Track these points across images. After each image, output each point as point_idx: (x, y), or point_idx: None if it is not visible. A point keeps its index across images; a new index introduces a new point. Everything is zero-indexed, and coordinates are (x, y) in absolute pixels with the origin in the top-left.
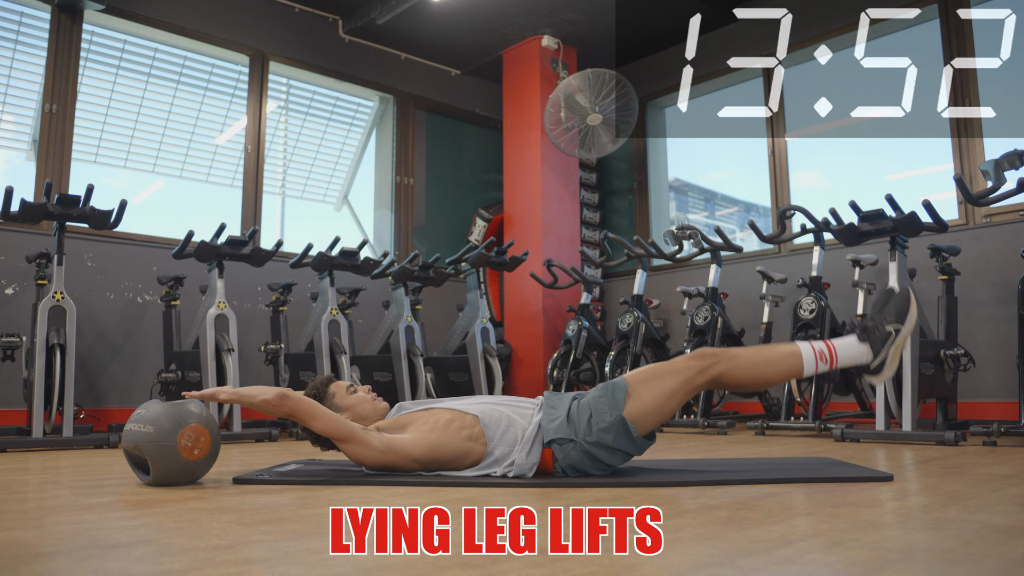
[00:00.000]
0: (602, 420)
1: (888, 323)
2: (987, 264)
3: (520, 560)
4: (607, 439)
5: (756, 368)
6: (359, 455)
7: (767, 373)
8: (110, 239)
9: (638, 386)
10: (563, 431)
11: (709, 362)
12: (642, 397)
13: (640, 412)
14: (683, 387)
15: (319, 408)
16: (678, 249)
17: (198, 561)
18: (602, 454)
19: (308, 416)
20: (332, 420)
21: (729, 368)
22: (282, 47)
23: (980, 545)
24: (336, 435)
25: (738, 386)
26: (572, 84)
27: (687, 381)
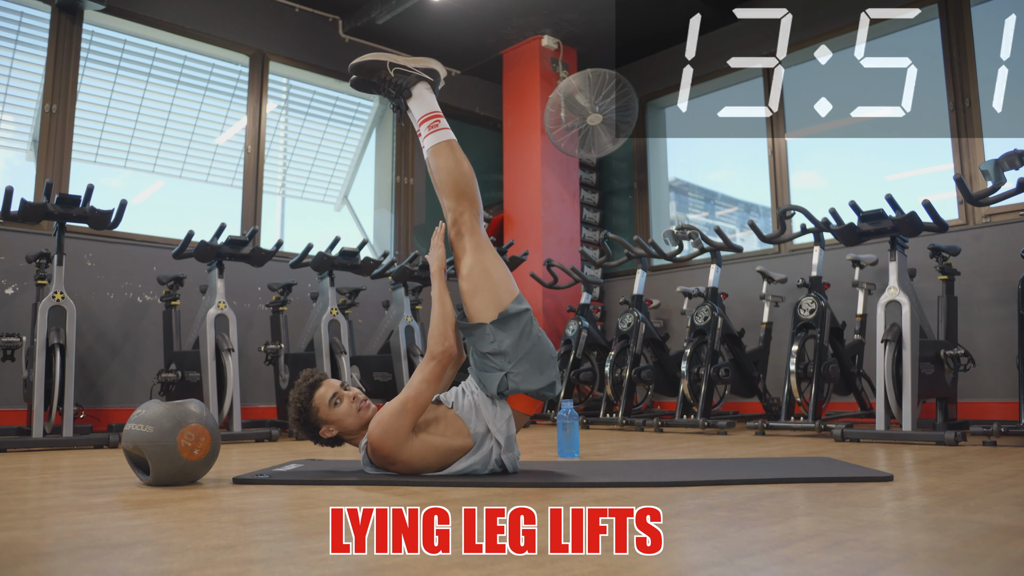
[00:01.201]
0: (490, 343)
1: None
2: (987, 264)
3: (520, 560)
4: (505, 337)
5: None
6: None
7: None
8: (110, 239)
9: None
10: (493, 378)
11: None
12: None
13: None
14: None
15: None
16: (678, 249)
17: (198, 561)
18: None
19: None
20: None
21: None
22: (282, 47)
23: (980, 545)
24: (411, 404)
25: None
26: (572, 84)
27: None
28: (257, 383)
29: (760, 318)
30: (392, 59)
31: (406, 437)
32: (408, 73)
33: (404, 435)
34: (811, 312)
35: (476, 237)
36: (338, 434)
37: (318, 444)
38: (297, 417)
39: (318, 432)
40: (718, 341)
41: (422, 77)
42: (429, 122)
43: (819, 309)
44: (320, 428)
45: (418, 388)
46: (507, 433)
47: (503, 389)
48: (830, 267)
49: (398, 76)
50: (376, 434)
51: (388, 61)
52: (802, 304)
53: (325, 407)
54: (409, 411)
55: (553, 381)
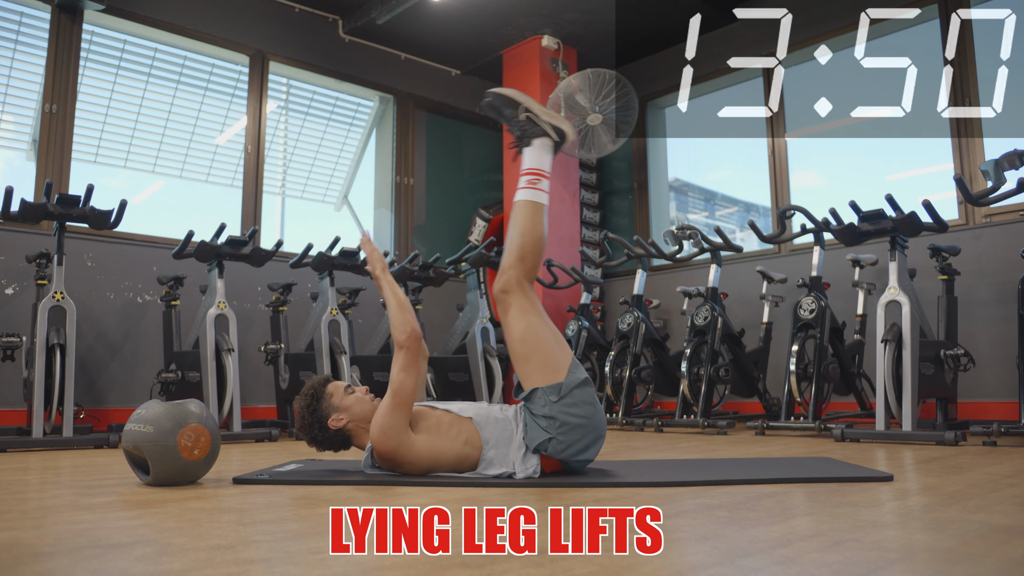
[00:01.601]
0: (542, 407)
1: (518, 117)
2: (987, 264)
3: (520, 560)
4: (561, 408)
5: (525, 238)
6: (391, 429)
7: (535, 235)
8: (110, 239)
9: (522, 364)
10: (537, 435)
11: (504, 285)
12: (530, 365)
13: (542, 369)
14: (523, 314)
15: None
16: (678, 249)
17: (198, 561)
18: (572, 418)
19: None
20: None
21: (522, 268)
22: (282, 47)
23: (980, 545)
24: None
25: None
26: (572, 84)
27: (521, 309)
28: (257, 383)
29: (760, 318)
30: (529, 104)
31: (404, 431)
32: (536, 124)
33: (402, 429)
34: (811, 312)
35: (527, 298)
36: (346, 427)
37: (321, 448)
38: (307, 404)
39: (326, 422)
40: (718, 341)
41: (547, 133)
42: (531, 178)
43: (819, 309)
44: (330, 416)
45: (399, 380)
46: (526, 475)
47: (543, 450)
48: (830, 267)
49: (527, 123)
50: (376, 435)
51: (524, 105)
52: (802, 304)
53: (339, 394)
54: (399, 404)
55: (591, 459)
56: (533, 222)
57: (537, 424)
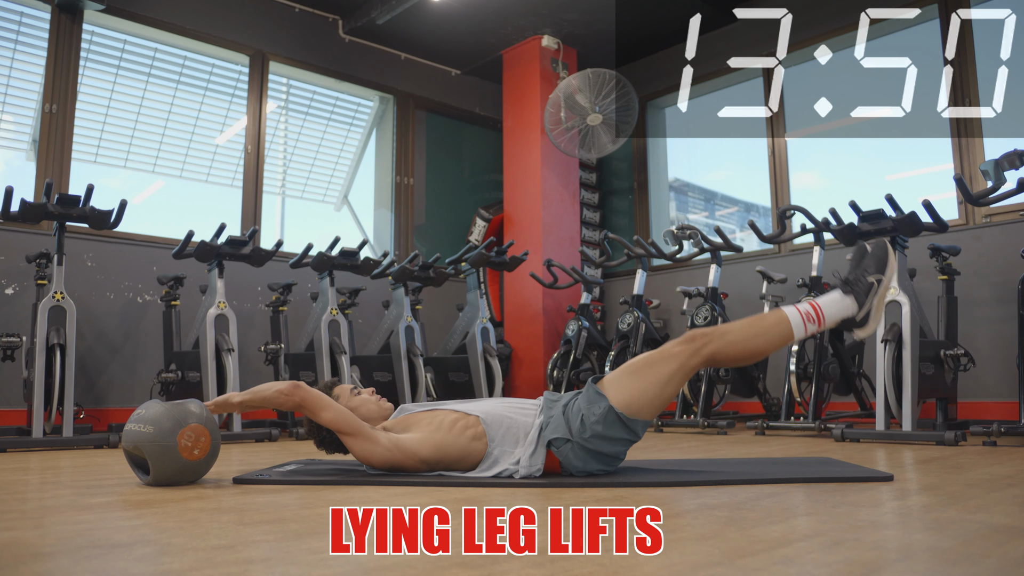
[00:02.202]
0: (592, 414)
1: (869, 274)
2: (987, 264)
3: (520, 560)
4: (601, 430)
5: (748, 342)
6: (366, 451)
7: (759, 344)
8: (110, 239)
9: (623, 376)
10: (560, 430)
11: (701, 343)
12: (632, 386)
13: (630, 398)
14: (679, 371)
15: (329, 401)
16: (678, 249)
17: (198, 561)
18: (602, 445)
19: (318, 407)
20: (341, 413)
21: (721, 346)
22: (282, 47)
23: (980, 545)
24: (344, 429)
25: (733, 361)
26: (572, 84)
27: (682, 365)
28: (257, 383)
29: None
30: (886, 281)
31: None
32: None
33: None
34: None
35: (690, 361)
36: None
37: (330, 451)
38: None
39: None
40: None
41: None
42: (811, 313)
43: None
44: None
45: (330, 420)
46: (528, 472)
47: (556, 447)
48: (830, 267)
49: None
50: (364, 461)
51: (885, 279)
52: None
53: (346, 395)
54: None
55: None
56: (769, 335)
57: (566, 419)
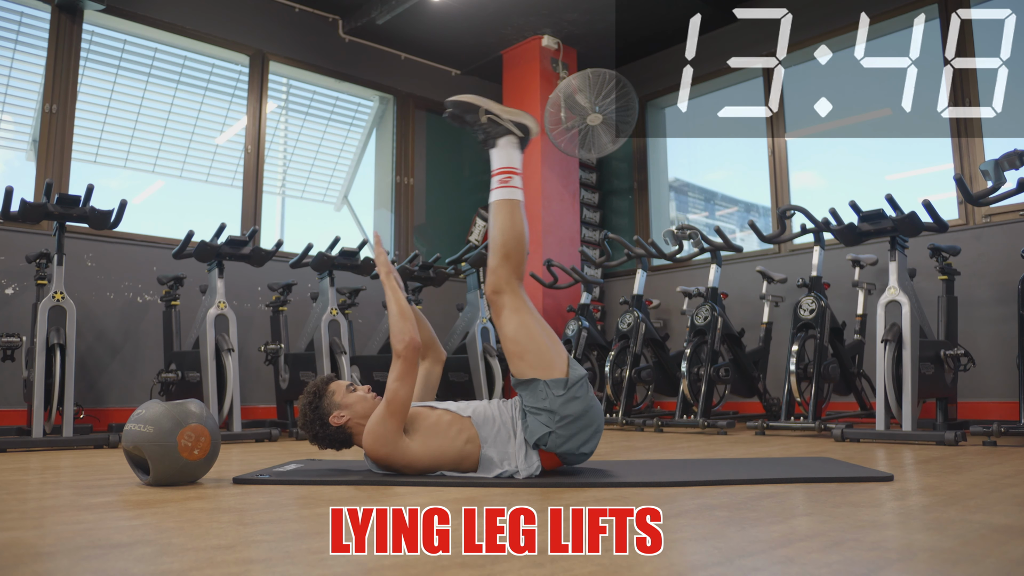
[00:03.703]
0: (542, 400)
1: (476, 120)
2: (987, 264)
3: (520, 560)
4: (558, 403)
5: (511, 236)
6: (381, 437)
7: (515, 228)
8: (110, 239)
9: (519, 360)
10: (539, 429)
11: (495, 286)
12: (529, 356)
13: (541, 361)
14: (515, 305)
15: (414, 380)
16: (678, 249)
17: (198, 561)
18: (571, 410)
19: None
20: (406, 396)
21: (508, 267)
22: (282, 47)
23: (980, 545)
24: (392, 406)
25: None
26: (572, 84)
27: (513, 308)
28: (257, 383)
29: (760, 318)
30: (488, 106)
31: (397, 438)
32: (499, 124)
33: (393, 437)
34: (811, 312)
35: (517, 299)
36: (347, 424)
37: (323, 446)
38: (310, 401)
39: (328, 419)
40: (718, 341)
41: (512, 131)
42: (502, 176)
43: (819, 309)
44: (332, 414)
45: (394, 389)
46: (528, 473)
47: (543, 444)
48: (830, 267)
49: (489, 124)
50: (368, 442)
51: (483, 108)
52: (802, 304)
53: (341, 392)
54: (392, 413)
55: (590, 453)
56: (512, 220)
57: (537, 419)
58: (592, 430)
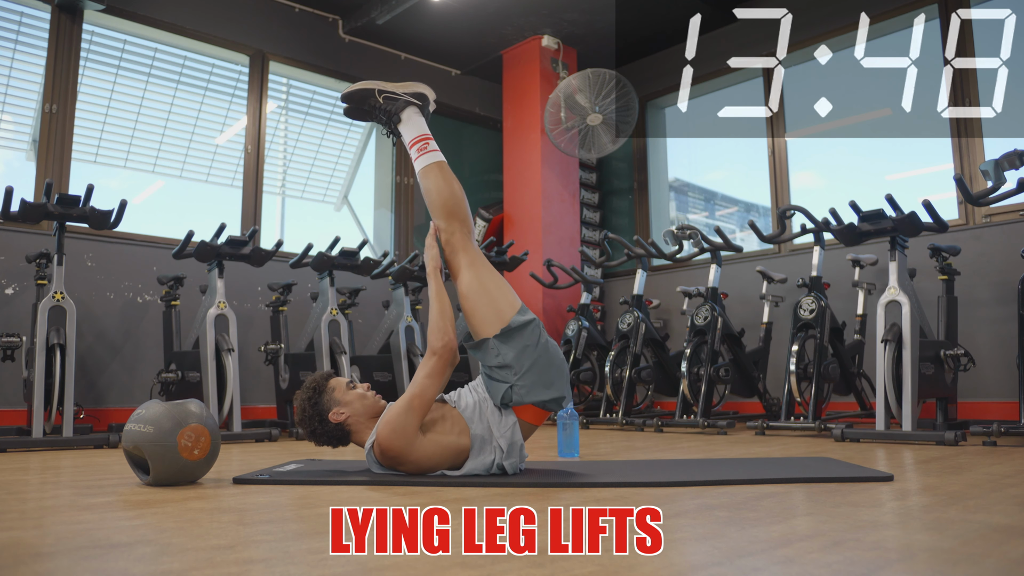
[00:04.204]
0: (495, 358)
1: (377, 101)
2: (987, 264)
3: (520, 560)
4: (511, 354)
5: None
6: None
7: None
8: (110, 239)
9: (470, 317)
10: (499, 388)
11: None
12: (477, 316)
13: (488, 318)
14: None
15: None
16: (678, 249)
17: (198, 561)
18: (527, 358)
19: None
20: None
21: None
22: (282, 47)
23: (980, 545)
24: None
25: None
26: (572, 84)
27: (468, 263)
28: (257, 383)
29: (760, 318)
30: (379, 86)
31: (414, 435)
32: (396, 99)
33: (412, 433)
34: (811, 312)
35: (469, 254)
36: (343, 423)
37: (320, 443)
38: (309, 396)
39: (327, 415)
40: (718, 341)
41: (411, 102)
42: (418, 145)
43: (819, 309)
44: (331, 410)
45: (423, 384)
46: (510, 439)
47: (507, 400)
48: (830, 267)
49: (386, 102)
50: (385, 434)
51: (376, 88)
52: (802, 304)
53: (341, 389)
54: (416, 408)
55: (562, 395)
56: (443, 180)
57: (494, 379)
58: (553, 372)
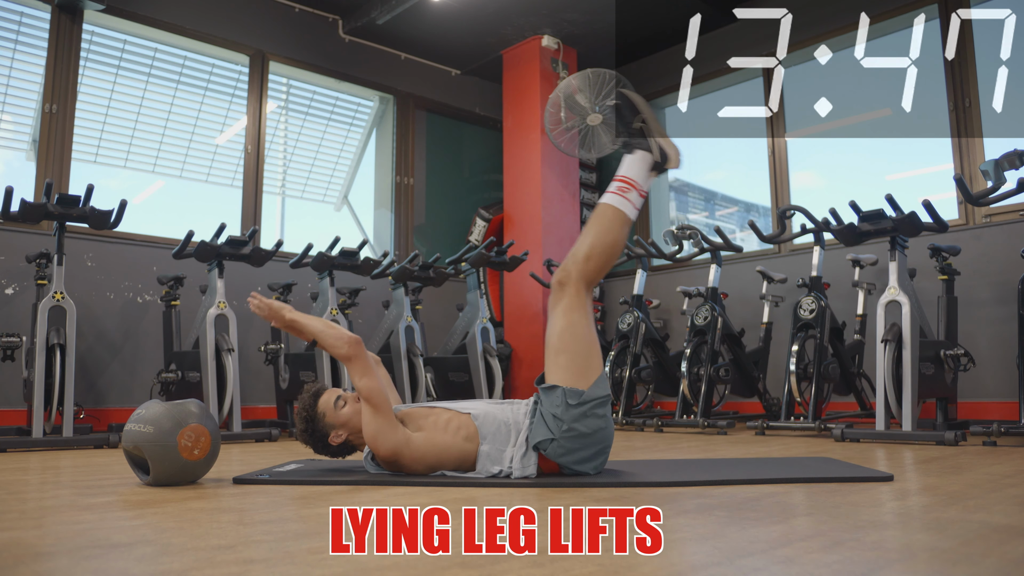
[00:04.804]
0: (556, 407)
1: (633, 123)
2: (987, 264)
3: (520, 560)
4: (571, 414)
5: (602, 245)
6: (381, 432)
7: (611, 239)
8: (110, 239)
9: (552, 359)
10: (542, 432)
11: (565, 276)
12: (560, 360)
13: (570, 369)
14: (575, 312)
15: (373, 370)
16: (678, 249)
17: (198, 561)
18: (580, 427)
19: (362, 371)
20: (377, 385)
21: (584, 267)
22: (282, 47)
23: (980, 545)
24: (373, 401)
25: (604, 266)
26: (572, 84)
27: (571, 308)
28: (257, 383)
29: (760, 318)
30: (648, 117)
31: (394, 428)
32: (645, 137)
33: (391, 428)
34: (811, 312)
35: (579, 298)
36: (347, 440)
37: (331, 457)
38: (305, 428)
39: (327, 440)
40: (718, 341)
41: (651, 149)
42: (621, 185)
43: (819, 309)
44: (329, 435)
45: (363, 386)
46: (522, 474)
47: (543, 449)
48: (830, 267)
49: (638, 132)
50: (372, 443)
51: (644, 115)
52: (802, 304)
53: (331, 411)
54: (377, 406)
55: (589, 473)
56: (611, 227)
57: (544, 422)
58: (596, 450)
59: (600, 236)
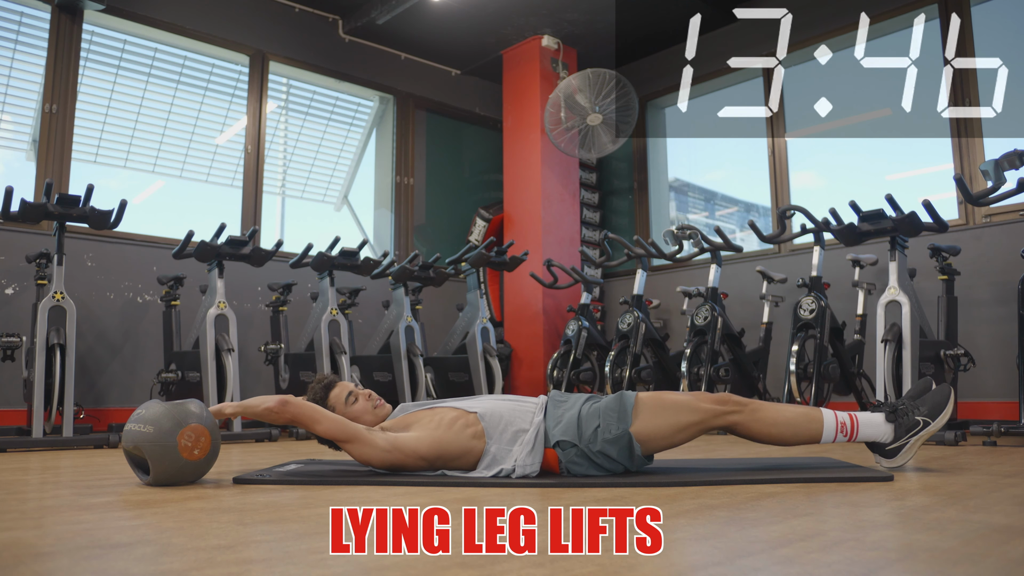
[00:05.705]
0: (609, 431)
1: (920, 413)
2: (987, 264)
3: (520, 560)
4: (610, 450)
5: (775, 428)
6: (365, 455)
7: (784, 434)
8: (110, 239)
9: (653, 409)
10: (569, 434)
11: (730, 409)
12: (654, 421)
13: (648, 434)
14: (697, 425)
15: (321, 412)
16: (678, 249)
17: (198, 561)
18: (602, 461)
19: (311, 421)
20: (335, 422)
21: (748, 421)
22: (282, 47)
23: (980, 545)
24: (341, 437)
25: (751, 438)
26: (572, 84)
27: (702, 422)
28: (257, 383)
29: (760, 318)
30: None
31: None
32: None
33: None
34: (811, 312)
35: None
36: None
37: (333, 448)
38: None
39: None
40: (718, 341)
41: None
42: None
43: (819, 309)
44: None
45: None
46: (524, 472)
47: (561, 448)
48: (830, 267)
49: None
50: (365, 463)
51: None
52: (802, 304)
53: (341, 405)
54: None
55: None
56: (795, 432)
57: (580, 423)
58: (600, 474)
59: (783, 423)
